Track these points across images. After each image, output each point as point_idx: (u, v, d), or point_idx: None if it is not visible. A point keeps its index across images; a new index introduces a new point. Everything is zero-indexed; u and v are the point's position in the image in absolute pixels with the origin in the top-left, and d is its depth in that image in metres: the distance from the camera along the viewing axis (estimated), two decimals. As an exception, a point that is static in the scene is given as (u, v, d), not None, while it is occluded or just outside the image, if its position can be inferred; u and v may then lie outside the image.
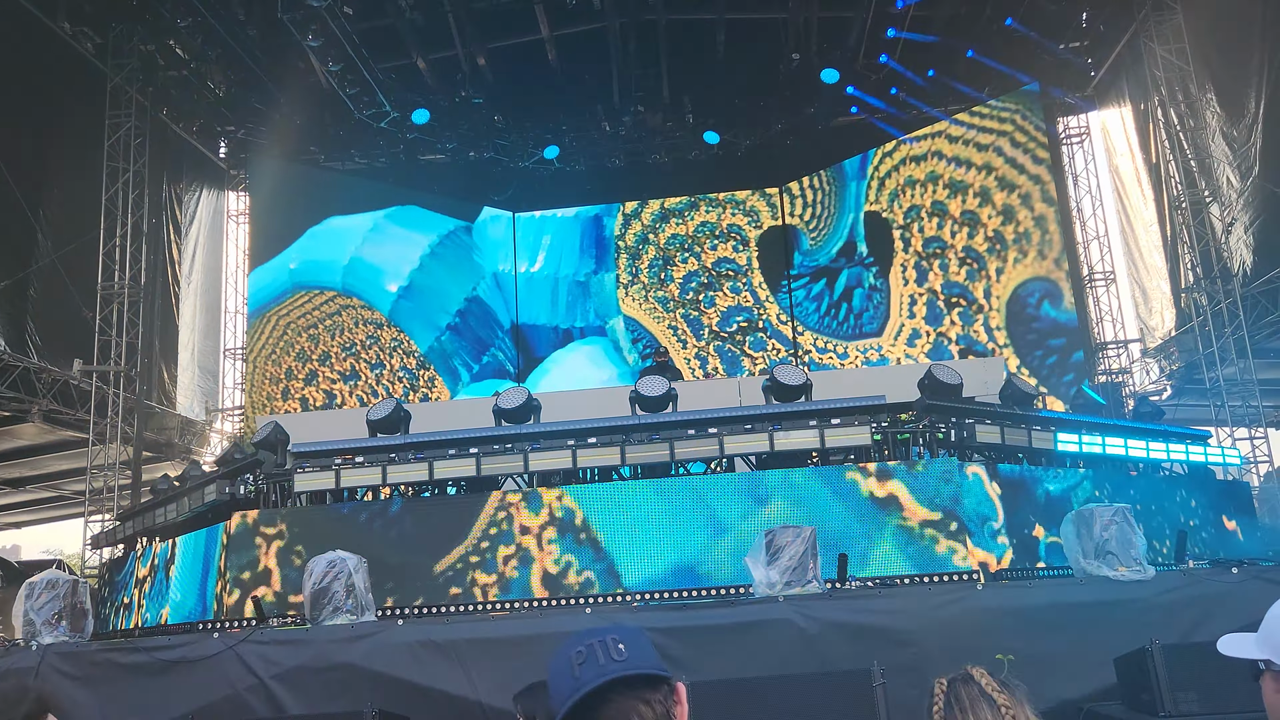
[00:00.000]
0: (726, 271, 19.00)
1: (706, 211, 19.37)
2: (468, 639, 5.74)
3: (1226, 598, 5.40)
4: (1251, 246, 13.27)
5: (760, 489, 7.02)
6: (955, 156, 17.05)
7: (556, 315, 19.26)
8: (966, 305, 16.50)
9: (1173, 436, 8.87)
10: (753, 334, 18.61)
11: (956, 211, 16.94)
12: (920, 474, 6.84)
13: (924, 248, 17.18)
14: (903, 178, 17.61)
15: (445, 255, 18.75)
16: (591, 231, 19.59)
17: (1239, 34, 13.11)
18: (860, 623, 5.38)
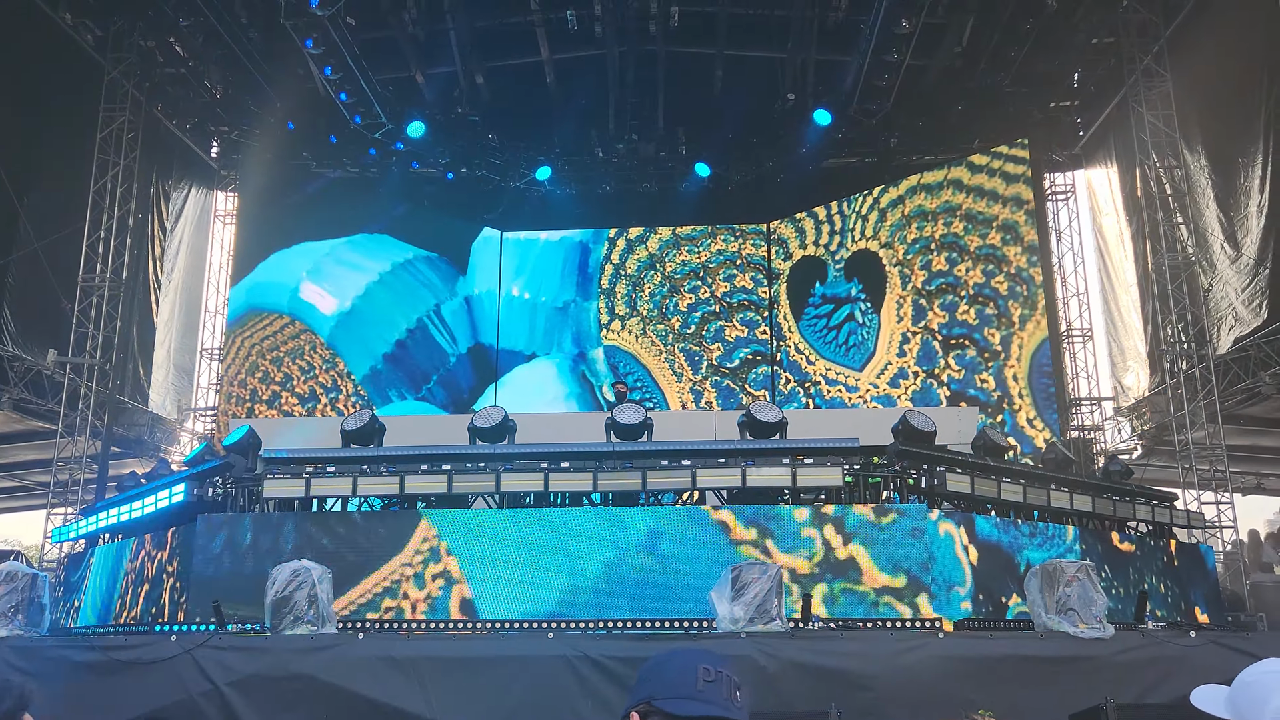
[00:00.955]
0: (742, 302, 18.94)
1: (725, 241, 19.34)
2: (428, 657, 5.72)
3: (1183, 660, 5.46)
4: (1236, 314, 13.42)
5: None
6: (940, 205, 17.23)
7: (534, 342, 19.19)
8: (977, 351, 16.45)
9: (1138, 497, 8.96)
10: (757, 368, 18.55)
11: (951, 255, 17.09)
12: (884, 528, 6.86)
13: (924, 285, 17.26)
14: (902, 215, 17.73)
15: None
16: (576, 259, 19.57)
17: (1235, 104, 13.34)
18: (821, 664, 5.40)
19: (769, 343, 18.61)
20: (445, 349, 18.68)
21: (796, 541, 6.85)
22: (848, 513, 6.95)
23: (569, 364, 18.98)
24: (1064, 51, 16.50)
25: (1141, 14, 15.09)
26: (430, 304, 18.71)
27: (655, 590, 6.76)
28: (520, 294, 19.40)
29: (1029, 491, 7.79)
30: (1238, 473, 15.34)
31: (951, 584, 6.76)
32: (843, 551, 6.79)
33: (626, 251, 19.40)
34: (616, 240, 19.50)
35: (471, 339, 18.97)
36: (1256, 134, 12.76)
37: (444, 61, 16.92)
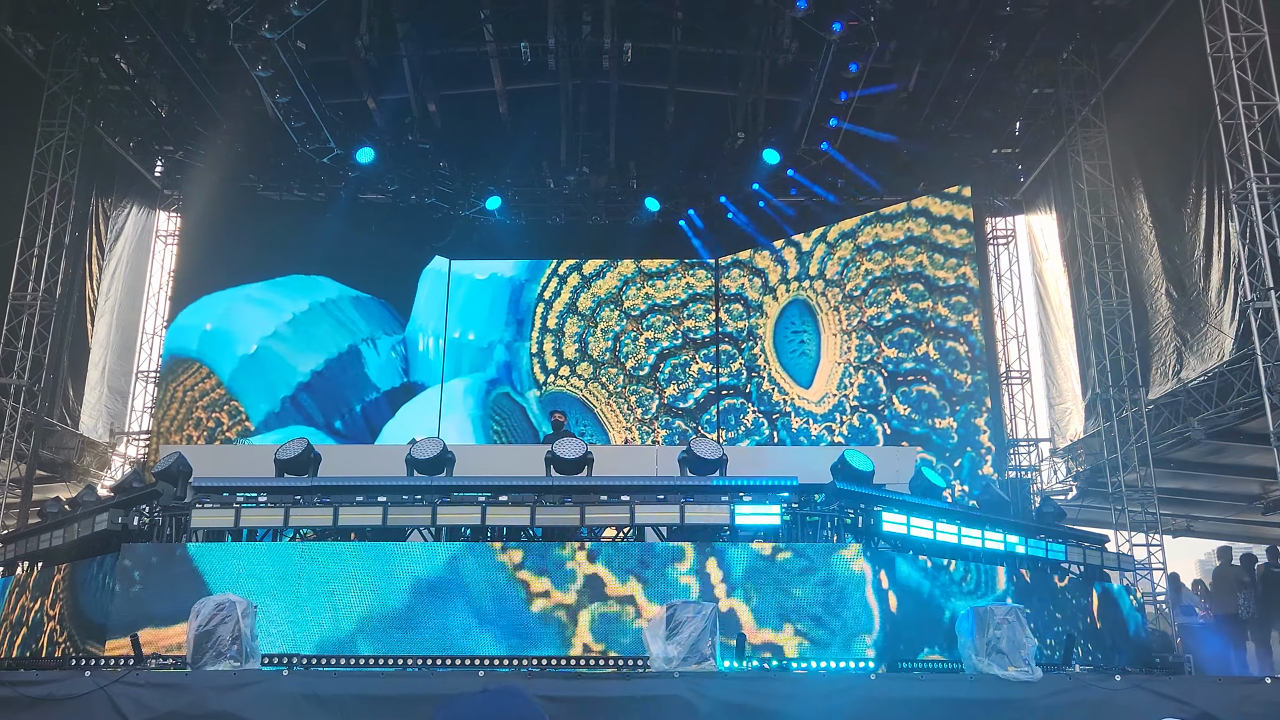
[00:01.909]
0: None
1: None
2: (354, 695, 5.58)
3: (1109, 704, 5.52)
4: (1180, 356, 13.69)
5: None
6: (884, 245, 17.48)
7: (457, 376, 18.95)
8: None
9: (1071, 538, 9.10)
10: (710, 407, 18.56)
11: (883, 300, 17.33)
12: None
13: (870, 322, 17.49)
14: (846, 254, 17.97)
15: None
16: (506, 297, 19.31)
17: (1173, 154, 13.75)
18: (752, 705, 5.37)
19: (729, 376, 18.69)
20: (362, 387, 18.31)
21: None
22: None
23: (479, 402, 18.69)
24: (1006, 100, 16.95)
25: (1080, 67, 15.58)
26: (348, 343, 18.36)
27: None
28: (450, 332, 19.19)
29: (963, 532, 7.88)
30: (1168, 514, 15.67)
31: (854, 634, 6.55)
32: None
33: (581, 287, 19.35)
34: (568, 277, 19.45)
35: (401, 377, 18.63)
36: (1194, 184, 13.15)
37: (396, 88, 16.89)
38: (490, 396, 18.76)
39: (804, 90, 15.37)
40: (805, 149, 16.14)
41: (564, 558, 6.96)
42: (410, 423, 17.72)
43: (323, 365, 18.00)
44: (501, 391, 18.86)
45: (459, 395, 18.66)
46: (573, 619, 6.68)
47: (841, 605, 6.64)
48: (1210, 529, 18.16)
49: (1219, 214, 12.58)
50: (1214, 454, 13.95)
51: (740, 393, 18.52)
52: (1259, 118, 11.02)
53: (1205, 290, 12.99)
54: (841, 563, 6.83)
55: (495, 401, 18.75)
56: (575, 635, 6.63)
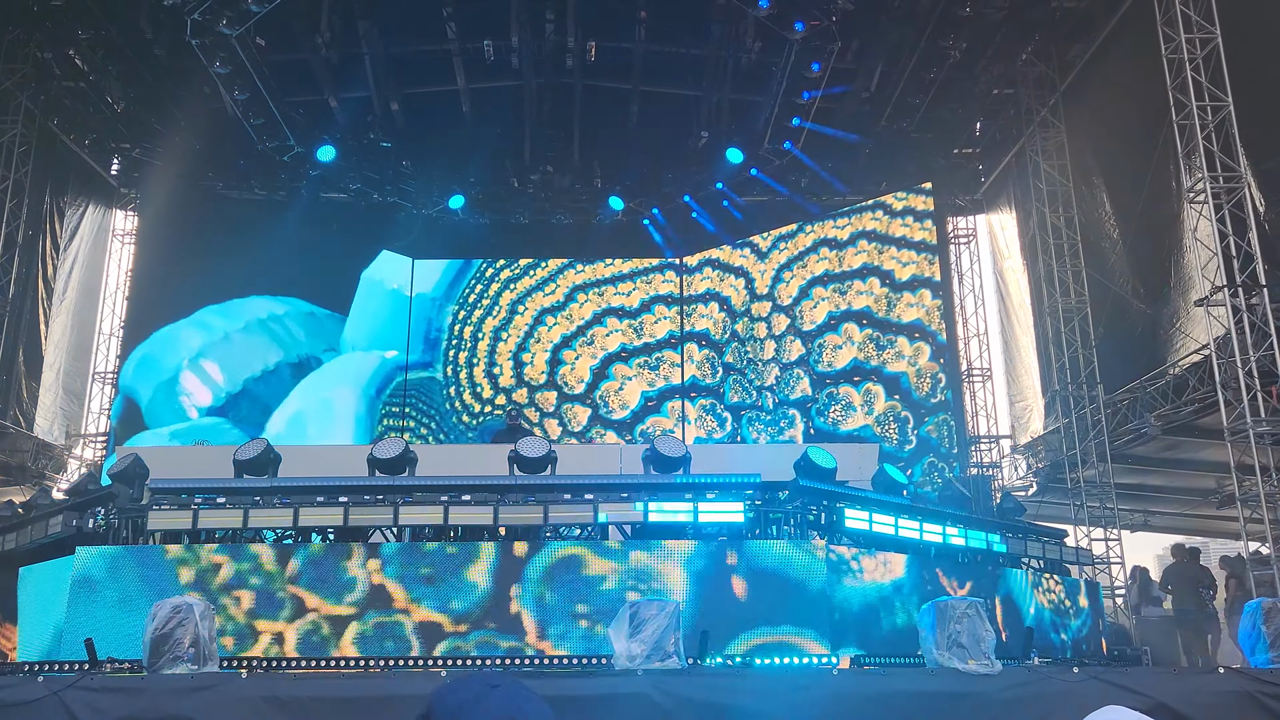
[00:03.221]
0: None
1: (638, 279, 19.34)
2: (315, 697, 5.51)
3: (1066, 696, 5.58)
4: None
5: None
6: (847, 243, 17.61)
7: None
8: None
9: (1031, 533, 9.21)
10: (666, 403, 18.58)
11: (846, 298, 17.46)
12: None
13: (807, 327, 17.59)
14: (791, 256, 18.09)
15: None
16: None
17: (1132, 154, 13.92)
18: (716, 701, 5.37)
19: (702, 376, 18.71)
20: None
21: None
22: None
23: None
24: (966, 101, 17.14)
25: (1039, 67, 15.78)
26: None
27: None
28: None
29: (925, 527, 7.95)
30: (1126, 510, 15.92)
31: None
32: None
33: (523, 296, 19.22)
34: (499, 296, 19.24)
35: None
36: (1153, 183, 13.31)
37: (358, 86, 16.74)
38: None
39: (767, 90, 15.43)
40: (768, 148, 16.20)
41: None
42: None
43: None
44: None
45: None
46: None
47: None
48: (1167, 524, 18.46)
49: (1178, 212, 12.78)
50: (1170, 449, 14.19)
51: (713, 393, 18.56)
52: (1212, 118, 11.22)
53: (1168, 287, 13.19)
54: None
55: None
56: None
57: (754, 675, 5.69)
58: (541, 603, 6.75)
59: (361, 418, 17.89)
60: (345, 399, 17.86)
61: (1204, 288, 11.32)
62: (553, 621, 6.71)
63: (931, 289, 16.86)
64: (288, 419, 17.38)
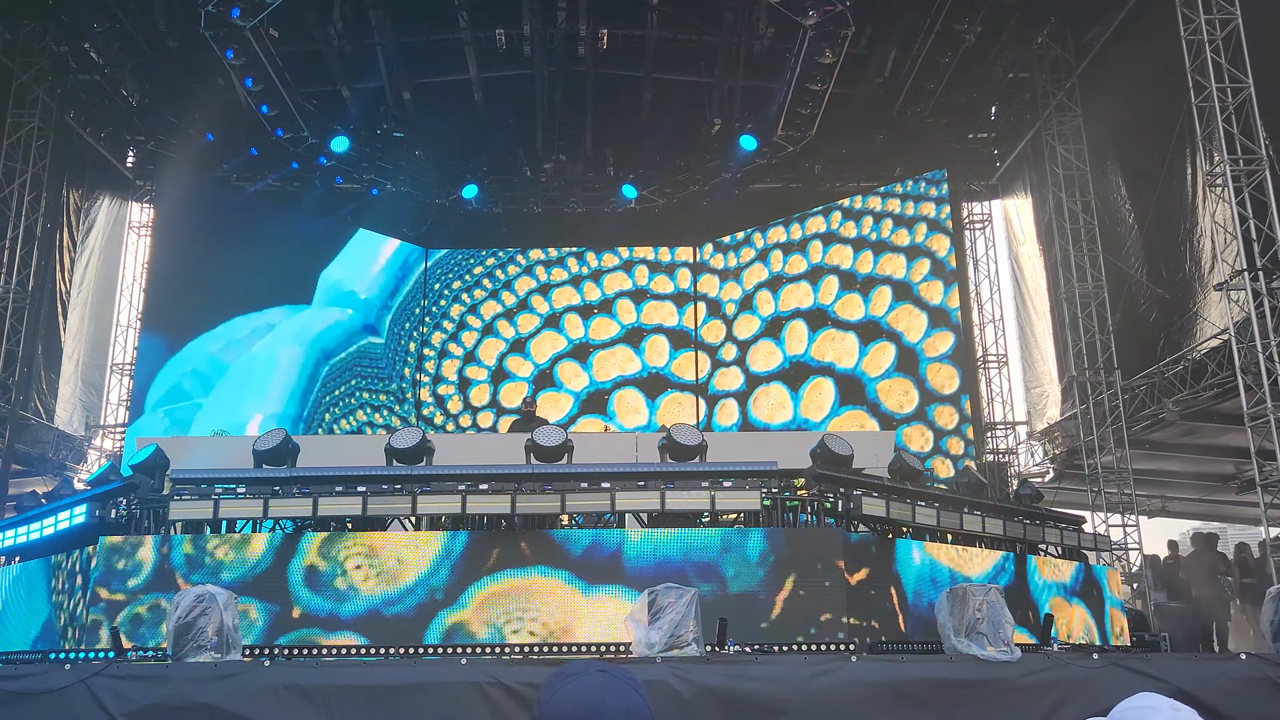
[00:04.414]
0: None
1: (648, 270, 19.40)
2: (336, 685, 5.57)
3: (1086, 682, 5.58)
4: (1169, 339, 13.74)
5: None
6: (862, 233, 17.55)
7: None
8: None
9: (1048, 520, 9.18)
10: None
11: (855, 283, 17.41)
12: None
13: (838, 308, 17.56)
14: (820, 241, 18.04)
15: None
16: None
17: (1151, 137, 13.81)
18: (734, 688, 5.39)
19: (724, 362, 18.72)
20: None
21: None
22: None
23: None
24: (981, 85, 17.02)
25: (1055, 51, 15.65)
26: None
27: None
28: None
29: (943, 515, 7.93)
30: (1144, 495, 15.86)
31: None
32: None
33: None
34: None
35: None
36: (1172, 167, 13.22)
37: (371, 76, 16.76)
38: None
39: (780, 76, 15.35)
40: (782, 135, 16.13)
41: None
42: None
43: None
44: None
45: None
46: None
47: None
48: (1185, 509, 18.39)
49: (1197, 196, 12.69)
50: (1188, 435, 14.12)
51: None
52: (1232, 100, 11.11)
53: (1186, 272, 13.10)
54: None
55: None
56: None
57: (772, 662, 5.71)
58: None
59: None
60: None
61: (1223, 272, 11.24)
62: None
63: (946, 276, 16.75)
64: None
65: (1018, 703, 5.39)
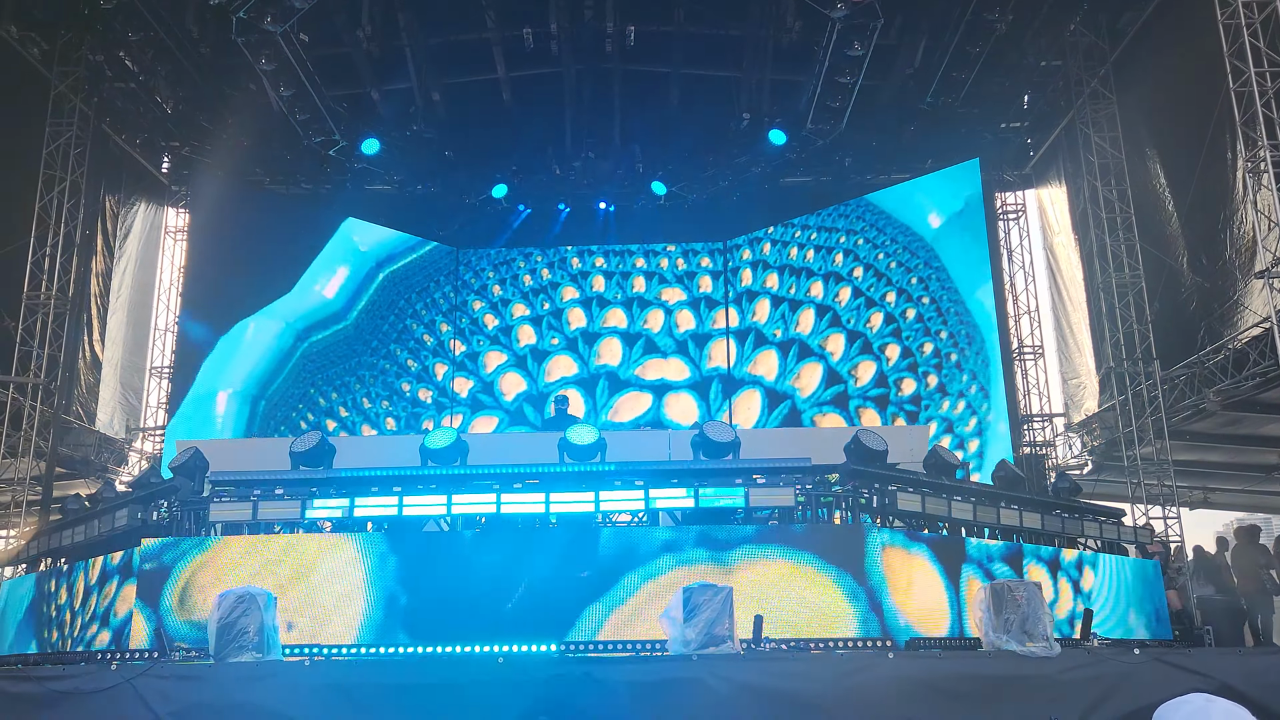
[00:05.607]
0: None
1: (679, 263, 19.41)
2: (375, 683, 5.63)
3: (1127, 678, 5.51)
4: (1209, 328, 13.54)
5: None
6: (890, 223, 17.42)
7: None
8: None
9: (1088, 513, 9.08)
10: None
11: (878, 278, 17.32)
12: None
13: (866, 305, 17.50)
14: (830, 236, 18.00)
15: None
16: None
17: (1188, 123, 13.59)
18: (771, 686, 5.39)
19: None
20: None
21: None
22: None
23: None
24: (1013, 74, 16.82)
25: (1088, 38, 15.44)
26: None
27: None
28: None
29: (979, 510, 7.87)
30: (1184, 487, 15.63)
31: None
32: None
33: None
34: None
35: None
36: (1211, 153, 12.99)
37: (400, 78, 16.85)
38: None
39: (808, 69, 15.25)
40: (811, 128, 16.03)
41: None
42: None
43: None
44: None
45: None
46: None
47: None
48: (1227, 500, 18.11)
49: (1237, 182, 12.46)
50: (1230, 425, 13.89)
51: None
52: (1271, 85, 10.90)
53: (1227, 260, 12.88)
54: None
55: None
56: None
57: (809, 660, 5.70)
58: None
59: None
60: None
61: (1264, 259, 11.03)
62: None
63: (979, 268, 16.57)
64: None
65: (1057, 698, 5.35)
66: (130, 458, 18.33)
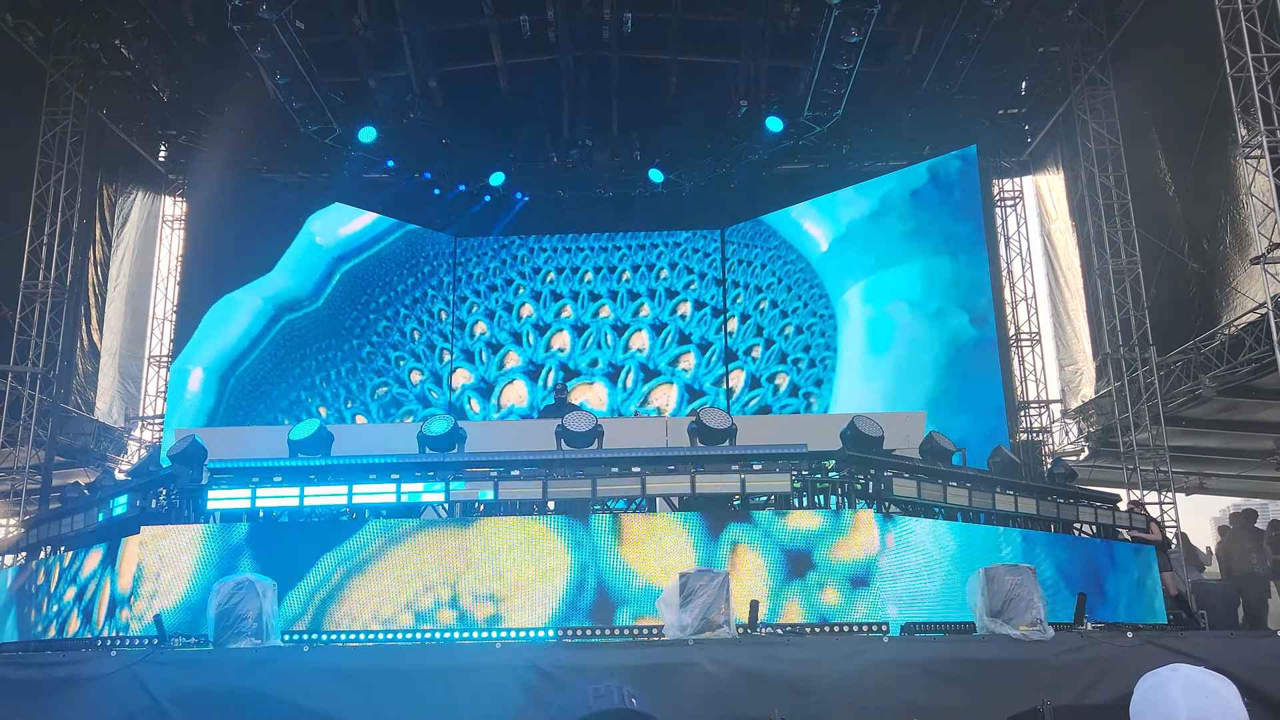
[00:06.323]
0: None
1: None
2: (374, 668, 5.67)
3: (1121, 661, 5.57)
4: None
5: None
6: (889, 210, 17.41)
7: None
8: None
9: (1082, 499, 9.13)
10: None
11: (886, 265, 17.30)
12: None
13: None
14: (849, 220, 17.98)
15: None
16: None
17: (1186, 109, 13.57)
18: (766, 670, 5.43)
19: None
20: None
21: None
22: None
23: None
24: (1011, 60, 16.80)
25: (1086, 24, 15.42)
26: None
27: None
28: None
29: (974, 495, 7.91)
30: (1180, 473, 15.68)
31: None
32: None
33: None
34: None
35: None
36: (1209, 139, 12.98)
37: (396, 66, 16.81)
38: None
39: (806, 56, 15.22)
40: (809, 116, 16.01)
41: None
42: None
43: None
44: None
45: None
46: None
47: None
48: (1223, 486, 18.17)
49: (1233, 168, 12.47)
50: (1226, 411, 13.94)
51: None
52: (1269, 70, 10.90)
53: (1227, 246, 12.90)
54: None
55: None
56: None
57: (804, 644, 5.74)
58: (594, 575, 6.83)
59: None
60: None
61: (1261, 245, 11.05)
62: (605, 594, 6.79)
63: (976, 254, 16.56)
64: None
65: (1050, 681, 5.39)
66: (129, 446, 18.36)
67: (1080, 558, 8.62)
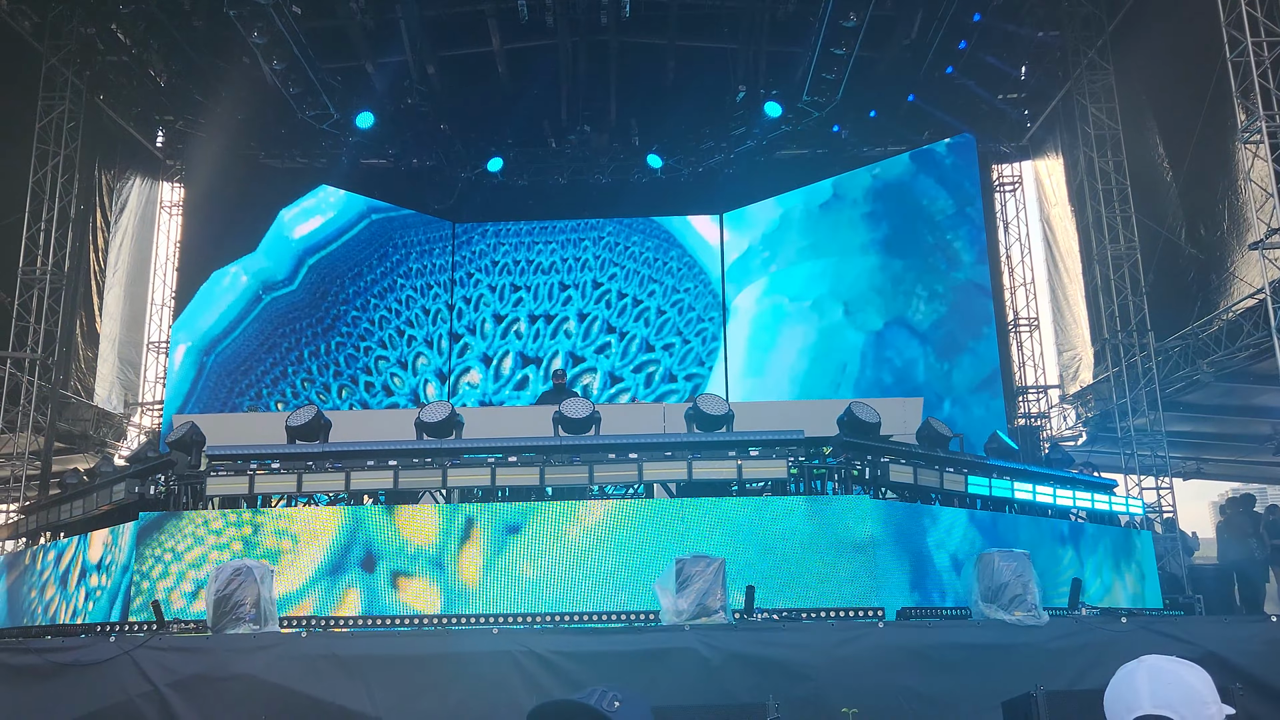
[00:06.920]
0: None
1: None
2: (370, 655, 5.69)
3: (1114, 646, 5.59)
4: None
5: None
6: (888, 195, 17.35)
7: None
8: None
9: (1080, 484, 9.15)
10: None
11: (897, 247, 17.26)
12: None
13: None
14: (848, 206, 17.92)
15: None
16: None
17: (1185, 94, 13.53)
18: (762, 655, 5.46)
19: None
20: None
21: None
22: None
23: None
24: (1010, 45, 16.74)
25: (1086, 8, 15.36)
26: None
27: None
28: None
29: (971, 481, 7.93)
30: (1178, 458, 15.71)
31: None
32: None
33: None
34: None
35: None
36: (1208, 124, 12.93)
37: (394, 51, 16.72)
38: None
39: (804, 41, 15.17)
40: (808, 101, 15.97)
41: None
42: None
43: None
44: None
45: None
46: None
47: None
48: (1220, 471, 18.20)
49: (1232, 153, 12.44)
50: (1223, 396, 13.95)
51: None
52: (1268, 54, 10.85)
53: (1225, 231, 12.88)
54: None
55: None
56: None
57: (800, 629, 5.76)
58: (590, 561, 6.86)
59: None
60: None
61: (1259, 230, 11.04)
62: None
63: (975, 238, 16.54)
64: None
65: (1045, 667, 5.41)
66: (129, 432, 18.39)
67: (1072, 540, 8.65)
